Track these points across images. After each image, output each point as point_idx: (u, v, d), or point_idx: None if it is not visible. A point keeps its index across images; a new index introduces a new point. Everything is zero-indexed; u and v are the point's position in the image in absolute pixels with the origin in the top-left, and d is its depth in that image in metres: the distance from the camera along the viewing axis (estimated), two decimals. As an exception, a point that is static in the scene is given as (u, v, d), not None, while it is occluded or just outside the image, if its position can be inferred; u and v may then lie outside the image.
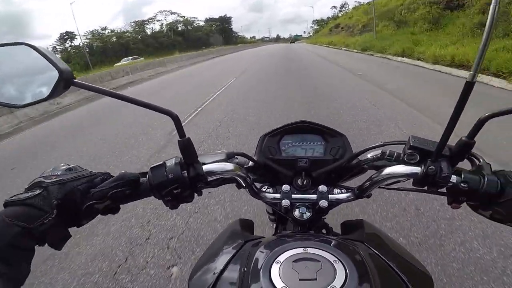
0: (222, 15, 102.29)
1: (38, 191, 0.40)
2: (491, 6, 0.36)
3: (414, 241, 1.73)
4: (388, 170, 0.49)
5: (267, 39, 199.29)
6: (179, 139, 0.47)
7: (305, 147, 0.60)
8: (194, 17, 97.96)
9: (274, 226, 0.86)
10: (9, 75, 0.45)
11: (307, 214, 0.55)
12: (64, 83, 0.41)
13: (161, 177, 0.46)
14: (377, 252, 0.45)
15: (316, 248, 0.40)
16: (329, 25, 55.69)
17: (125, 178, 0.46)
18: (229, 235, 0.55)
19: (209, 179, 0.50)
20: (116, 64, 33.30)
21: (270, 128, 0.61)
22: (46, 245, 0.40)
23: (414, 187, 0.48)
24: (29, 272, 0.36)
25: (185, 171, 0.47)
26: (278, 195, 0.56)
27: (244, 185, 0.54)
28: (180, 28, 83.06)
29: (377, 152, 0.55)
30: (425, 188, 0.47)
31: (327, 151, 0.59)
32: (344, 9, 73.98)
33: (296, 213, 0.55)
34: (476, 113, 0.41)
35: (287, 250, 0.40)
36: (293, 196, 0.56)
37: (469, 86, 0.38)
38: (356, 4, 51.13)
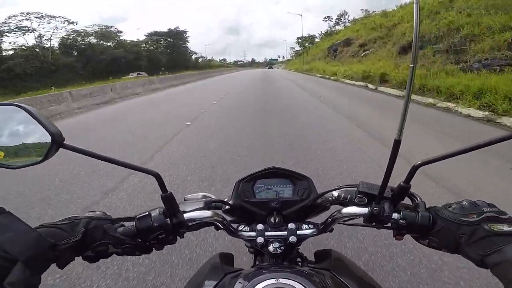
0: (173, 28, 70.64)
1: (70, 221, 0.50)
2: (409, 67, 0.46)
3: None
4: (344, 210, 0.58)
5: (241, 62, 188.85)
6: (162, 194, 0.53)
7: (276, 190, 0.67)
8: (111, 27, 57.10)
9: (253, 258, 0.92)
10: (2, 136, 0.47)
11: (281, 248, 0.61)
12: (56, 146, 0.44)
13: (147, 224, 0.52)
14: (342, 280, 0.52)
15: (287, 278, 0.46)
16: (322, 44, 41.58)
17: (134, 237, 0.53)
18: (210, 268, 0.60)
19: (190, 224, 0.56)
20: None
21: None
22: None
23: (365, 223, 0.57)
24: (40, 282, 0.42)
25: (169, 219, 0.54)
26: (253, 233, 0.63)
27: (222, 227, 0.60)
28: (73, 44, 50.19)
29: (335, 193, 0.63)
30: (374, 224, 0.55)
31: (295, 192, 0.66)
32: (342, 21, 56.81)
33: (271, 248, 0.61)
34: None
35: (263, 281, 0.46)
36: (267, 233, 0.62)
37: (397, 144, 0.47)
38: (363, 14, 35.39)
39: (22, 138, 0.47)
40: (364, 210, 0.55)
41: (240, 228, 0.65)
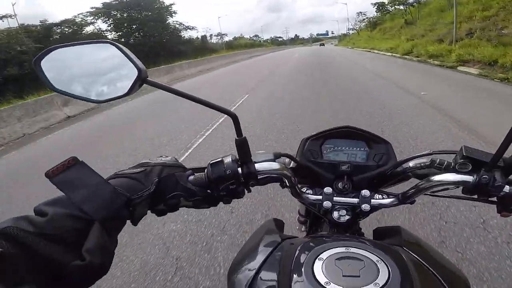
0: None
1: (142, 169, 0.46)
2: None
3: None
4: (438, 178, 0.50)
5: (280, 39, 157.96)
6: (237, 138, 0.50)
7: (347, 152, 0.61)
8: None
9: (303, 228, 0.88)
10: (92, 72, 0.49)
11: (346, 217, 0.57)
12: (140, 81, 0.45)
13: (220, 172, 0.50)
14: (417, 257, 0.46)
15: (358, 248, 0.42)
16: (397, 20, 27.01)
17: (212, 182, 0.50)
18: (266, 232, 0.57)
19: (259, 177, 0.53)
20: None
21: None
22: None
23: (462, 195, 0.49)
24: (116, 244, 0.39)
25: (240, 168, 0.51)
26: (319, 197, 0.59)
27: (288, 185, 0.57)
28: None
29: (422, 160, 0.56)
30: (475, 196, 0.48)
31: (370, 157, 0.60)
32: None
33: (335, 215, 0.57)
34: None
35: (330, 249, 0.42)
36: (335, 199, 0.58)
37: None
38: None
39: (111, 73, 0.49)
40: (468, 177, 0.47)
41: (304, 190, 0.61)
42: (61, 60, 0.48)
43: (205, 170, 0.51)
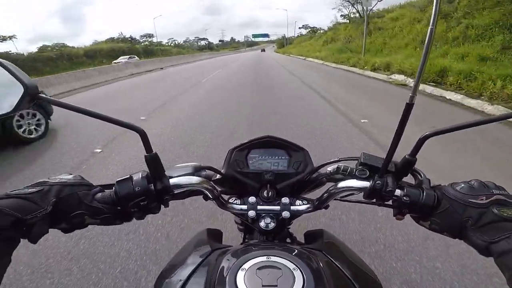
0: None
1: (39, 188, 0.43)
2: (428, 28, 0.41)
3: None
4: (342, 184, 0.53)
5: (203, 43, 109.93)
6: (146, 154, 0.48)
7: (271, 161, 0.63)
8: None
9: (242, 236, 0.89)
10: None
11: (272, 224, 0.58)
12: (29, 98, 0.41)
13: (128, 189, 0.48)
14: (333, 261, 0.49)
15: (278, 256, 0.43)
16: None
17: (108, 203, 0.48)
18: (196, 243, 0.57)
19: (176, 191, 0.52)
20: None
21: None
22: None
23: (365, 200, 0.53)
24: (10, 263, 0.38)
25: (152, 184, 0.49)
26: (245, 207, 0.59)
27: (211, 197, 0.56)
28: None
29: (334, 166, 0.59)
30: (374, 200, 0.52)
31: (290, 164, 0.62)
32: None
33: (262, 223, 0.58)
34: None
35: (252, 258, 0.43)
36: (259, 207, 0.59)
37: (408, 107, 0.43)
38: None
39: None
40: (365, 183, 0.50)
41: (231, 201, 0.61)
42: None
43: (113, 188, 0.48)
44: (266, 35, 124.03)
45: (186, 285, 0.44)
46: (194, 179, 0.53)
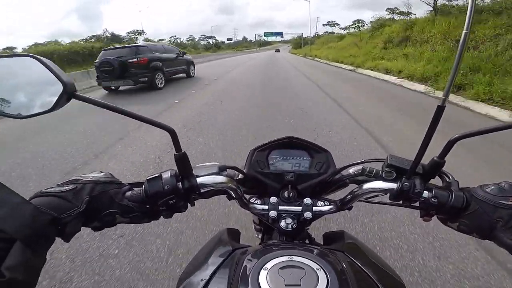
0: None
1: (72, 186, 0.44)
2: (463, 33, 0.41)
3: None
4: (367, 185, 0.53)
5: (211, 42, 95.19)
6: (175, 153, 0.49)
7: (292, 162, 0.63)
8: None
9: (260, 236, 0.89)
10: (14, 86, 0.46)
11: (292, 225, 0.58)
12: (67, 96, 0.42)
13: (157, 188, 0.49)
14: (356, 261, 0.49)
15: (300, 256, 0.43)
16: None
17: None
18: (217, 243, 0.57)
19: (202, 190, 0.53)
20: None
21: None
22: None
23: (390, 201, 0.53)
24: (45, 262, 0.38)
25: (180, 183, 0.50)
26: (266, 207, 0.60)
27: (234, 197, 0.57)
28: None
29: (359, 167, 0.59)
30: (400, 202, 0.52)
31: (312, 165, 0.63)
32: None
33: (282, 223, 0.59)
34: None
35: (274, 258, 0.43)
36: (280, 207, 0.59)
37: (439, 110, 0.43)
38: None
39: (34, 88, 0.46)
40: (393, 185, 0.51)
41: (252, 200, 0.62)
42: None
43: (143, 186, 0.50)
44: (280, 34, 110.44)
45: (208, 284, 0.44)
46: (220, 179, 0.54)
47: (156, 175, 0.50)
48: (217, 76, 12.78)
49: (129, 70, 8.85)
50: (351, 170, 0.61)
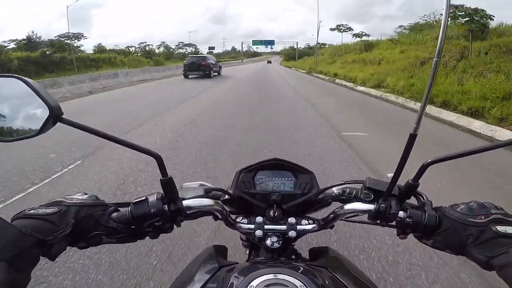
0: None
1: (57, 209, 0.44)
2: (434, 60, 0.44)
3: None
4: (348, 206, 0.57)
5: (190, 50, 75.07)
6: (162, 178, 0.51)
7: (277, 182, 0.65)
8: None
9: (247, 252, 0.91)
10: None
11: (278, 243, 0.60)
12: (53, 120, 0.42)
13: (144, 210, 0.50)
14: (338, 278, 0.51)
15: (285, 274, 0.45)
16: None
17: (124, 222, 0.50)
18: (204, 260, 0.58)
19: (188, 212, 0.54)
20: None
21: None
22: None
23: (369, 221, 0.56)
24: (29, 280, 0.39)
25: (166, 205, 0.51)
26: (252, 226, 0.61)
27: (220, 217, 0.59)
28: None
29: (340, 188, 0.62)
30: (378, 221, 0.55)
31: (296, 186, 0.65)
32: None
33: (268, 242, 0.60)
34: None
35: (260, 276, 0.44)
36: (266, 227, 0.61)
37: (412, 138, 0.46)
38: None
39: (19, 110, 0.45)
40: (370, 206, 0.54)
41: (238, 220, 0.63)
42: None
43: (129, 207, 0.50)
44: (271, 43, 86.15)
45: None
46: (206, 201, 0.55)
47: (142, 198, 0.51)
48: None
49: (200, 67, 19.34)
50: (334, 190, 0.64)
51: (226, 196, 0.63)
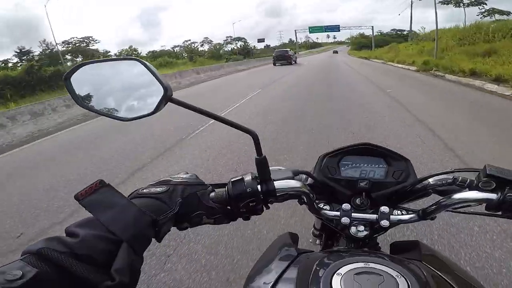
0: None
1: (165, 188, 0.46)
2: None
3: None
4: (461, 195, 0.51)
5: (239, 45, 68.01)
6: (257, 156, 0.51)
7: (366, 169, 0.61)
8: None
9: (318, 242, 0.89)
10: (119, 89, 0.50)
11: (363, 232, 0.57)
12: (166, 100, 0.45)
13: (240, 190, 0.50)
14: (436, 271, 0.46)
15: (377, 263, 0.42)
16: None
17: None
18: (282, 246, 0.58)
19: (278, 193, 0.54)
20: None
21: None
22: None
23: (485, 212, 0.50)
24: (143, 262, 0.39)
25: (259, 186, 0.52)
26: (337, 213, 0.59)
27: (306, 202, 0.57)
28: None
29: (443, 177, 0.56)
30: (499, 213, 0.49)
31: (389, 174, 0.60)
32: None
33: (353, 230, 0.58)
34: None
35: (348, 264, 0.42)
36: (353, 215, 0.58)
37: None
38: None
39: (138, 90, 0.49)
40: (492, 195, 0.48)
41: (321, 206, 0.61)
42: (89, 77, 0.48)
43: (226, 187, 0.52)
44: (334, 28, 67.03)
45: (275, 287, 0.44)
46: (295, 184, 0.54)
47: (239, 177, 0.52)
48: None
49: (285, 58, 28.66)
50: (435, 180, 0.57)
51: (309, 181, 0.61)
